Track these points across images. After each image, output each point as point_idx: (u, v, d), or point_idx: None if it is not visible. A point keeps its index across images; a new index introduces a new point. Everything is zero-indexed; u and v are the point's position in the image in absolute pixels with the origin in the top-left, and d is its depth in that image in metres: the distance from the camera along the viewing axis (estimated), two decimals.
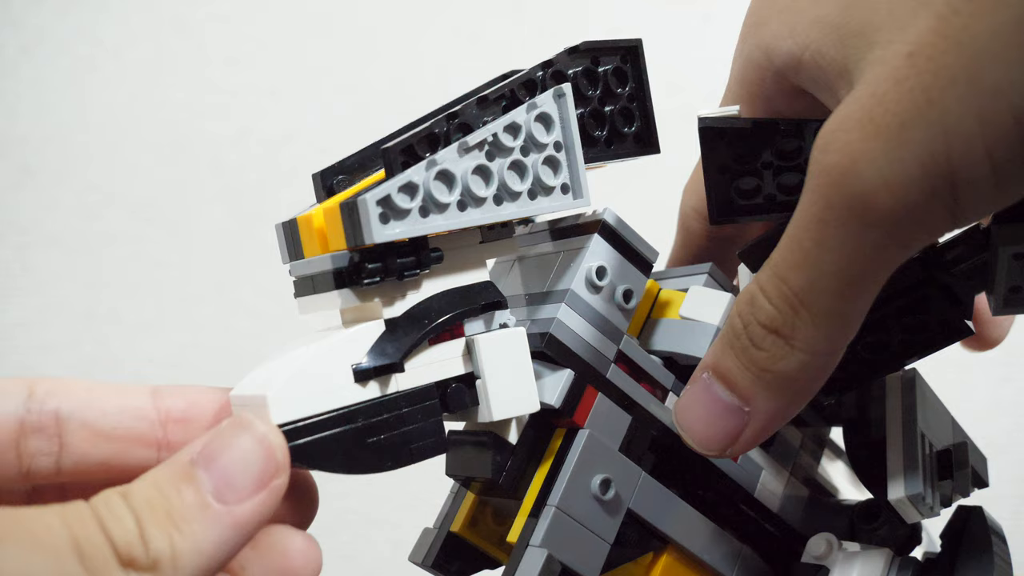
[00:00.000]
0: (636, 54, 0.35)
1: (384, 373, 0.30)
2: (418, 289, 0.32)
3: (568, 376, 0.33)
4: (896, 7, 0.25)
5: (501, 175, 0.31)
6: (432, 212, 0.30)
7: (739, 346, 0.28)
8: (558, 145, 0.32)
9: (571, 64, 0.34)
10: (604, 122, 0.34)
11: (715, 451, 0.30)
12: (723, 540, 0.37)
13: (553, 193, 0.32)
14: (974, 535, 0.38)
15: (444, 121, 0.31)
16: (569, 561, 0.32)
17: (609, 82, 0.34)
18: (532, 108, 0.32)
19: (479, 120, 0.32)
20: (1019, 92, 0.22)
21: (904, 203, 0.24)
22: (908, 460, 0.36)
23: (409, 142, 0.30)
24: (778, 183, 0.31)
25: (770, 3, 0.31)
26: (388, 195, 0.29)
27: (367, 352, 0.30)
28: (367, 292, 0.31)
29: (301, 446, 0.28)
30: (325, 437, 0.29)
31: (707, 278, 0.38)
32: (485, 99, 0.32)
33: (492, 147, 0.31)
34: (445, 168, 0.30)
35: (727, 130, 0.31)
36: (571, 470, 0.32)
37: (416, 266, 0.31)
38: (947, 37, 0.23)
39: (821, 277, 0.26)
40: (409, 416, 0.30)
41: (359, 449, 0.29)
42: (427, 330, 0.31)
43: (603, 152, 0.34)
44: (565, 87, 0.32)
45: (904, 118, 0.24)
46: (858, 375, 0.35)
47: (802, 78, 0.29)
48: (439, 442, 0.31)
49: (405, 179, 0.29)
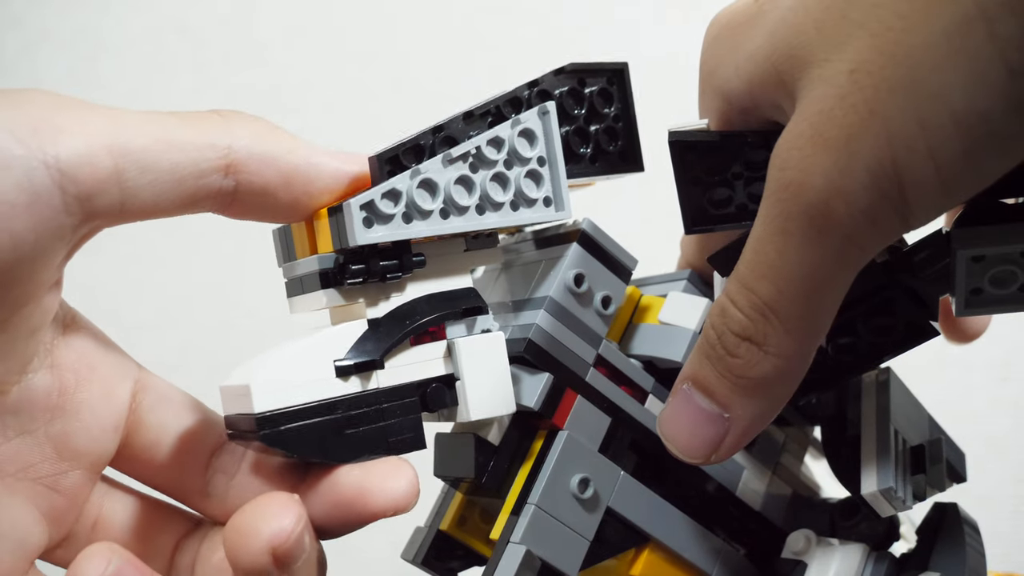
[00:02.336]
0: (622, 77, 0.36)
1: (365, 370, 0.31)
2: (402, 292, 0.33)
3: (547, 379, 0.34)
4: (824, 27, 0.26)
5: (483, 186, 0.33)
6: (415, 218, 0.31)
7: (715, 356, 0.29)
8: (541, 160, 0.34)
9: (557, 84, 0.35)
10: (588, 140, 0.35)
11: (700, 459, 0.31)
12: (704, 537, 0.38)
13: (535, 205, 0.34)
14: (949, 529, 0.39)
15: (430, 134, 0.32)
16: (548, 557, 0.33)
17: (594, 102, 0.35)
18: (516, 124, 0.33)
19: (464, 134, 0.33)
20: (956, 97, 0.23)
21: (857, 209, 0.25)
22: (881, 456, 0.36)
23: (395, 152, 0.32)
24: (749, 192, 0.32)
25: (715, 51, 0.33)
26: (372, 200, 0.31)
27: (349, 349, 0.31)
28: (351, 292, 0.32)
29: (281, 432, 0.30)
30: (305, 425, 0.30)
31: (686, 284, 0.39)
32: (471, 114, 0.33)
33: (476, 159, 0.32)
34: (429, 177, 0.31)
35: (697, 143, 0.32)
36: (550, 470, 0.34)
37: (399, 269, 0.32)
38: (883, 53, 0.24)
39: (788, 285, 0.27)
40: (388, 411, 0.32)
41: (337, 439, 0.31)
42: (408, 330, 0.32)
43: (587, 168, 0.35)
44: (549, 105, 0.34)
45: (850, 131, 0.25)
46: (830, 376, 0.36)
47: (761, 109, 0.30)
48: (417, 438, 0.32)
49: (389, 186, 0.31)
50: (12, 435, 0.31)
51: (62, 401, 0.32)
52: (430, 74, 0.87)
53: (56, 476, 0.32)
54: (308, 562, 0.29)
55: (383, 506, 0.31)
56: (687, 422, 0.31)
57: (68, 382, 0.32)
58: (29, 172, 0.27)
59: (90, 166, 0.28)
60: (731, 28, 0.32)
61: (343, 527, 0.31)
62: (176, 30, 0.90)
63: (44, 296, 0.30)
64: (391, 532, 0.40)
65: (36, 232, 0.28)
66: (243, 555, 0.28)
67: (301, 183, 0.32)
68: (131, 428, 0.33)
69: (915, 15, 0.24)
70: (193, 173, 0.30)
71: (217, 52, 0.90)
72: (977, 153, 0.24)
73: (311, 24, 0.89)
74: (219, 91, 0.89)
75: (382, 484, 0.31)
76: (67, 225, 0.28)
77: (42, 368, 0.31)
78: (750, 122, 0.31)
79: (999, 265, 0.29)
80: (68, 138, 0.28)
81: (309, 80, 0.89)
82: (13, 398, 0.31)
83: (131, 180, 0.29)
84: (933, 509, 0.40)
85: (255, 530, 0.28)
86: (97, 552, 0.28)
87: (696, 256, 0.40)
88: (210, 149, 0.30)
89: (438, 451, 0.37)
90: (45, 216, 0.28)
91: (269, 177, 0.31)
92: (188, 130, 0.30)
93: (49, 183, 0.27)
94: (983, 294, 0.30)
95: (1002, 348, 0.83)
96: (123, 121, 0.29)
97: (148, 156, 0.29)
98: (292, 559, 0.28)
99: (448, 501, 0.40)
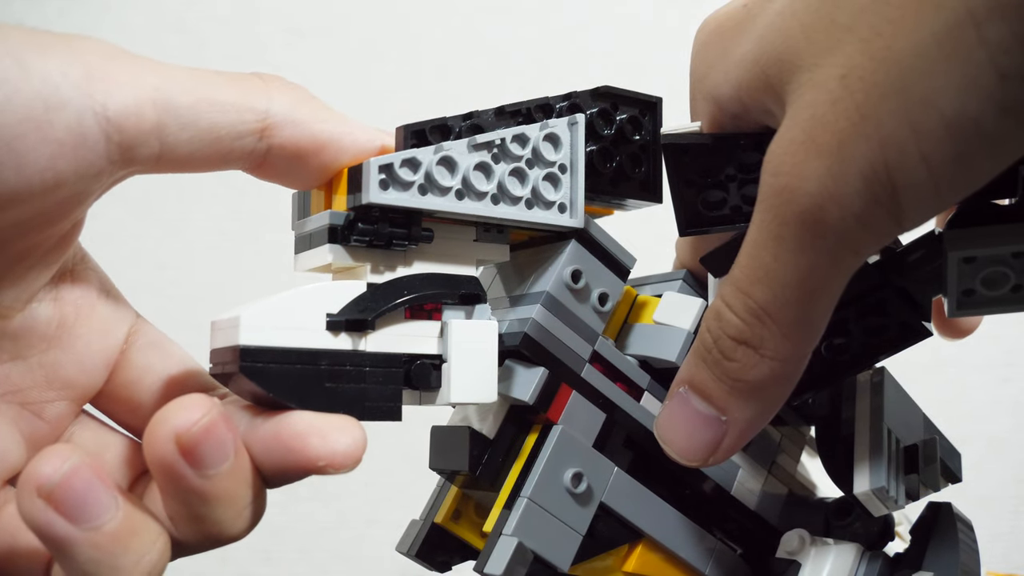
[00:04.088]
0: (655, 110, 0.37)
1: (355, 329, 0.31)
2: (408, 266, 0.33)
3: (542, 374, 0.34)
4: (812, 32, 0.27)
5: (502, 177, 0.33)
6: (431, 192, 0.32)
7: (711, 359, 0.30)
8: (563, 167, 0.34)
9: (591, 103, 0.35)
10: (612, 161, 0.36)
11: (697, 462, 0.31)
12: (698, 535, 0.38)
13: (550, 208, 0.34)
14: (943, 529, 0.39)
15: (460, 119, 0.33)
16: (540, 550, 0.33)
17: (624, 128, 0.36)
18: (544, 127, 0.34)
19: (493, 127, 0.34)
20: (946, 101, 0.23)
21: (851, 213, 0.25)
22: (873, 455, 0.37)
23: (422, 126, 0.32)
24: (742, 194, 0.32)
25: (704, 57, 0.33)
26: (392, 164, 0.31)
27: (344, 306, 0.32)
28: (357, 253, 0.32)
29: (260, 368, 0.30)
30: (286, 367, 0.30)
31: (681, 284, 0.39)
32: (502, 111, 0.34)
33: (499, 150, 0.33)
34: (450, 155, 0.32)
35: (690, 146, 0.32)
36: (544, 464, 0.34)
37: (406, 238, 0.32)
38: (874, 58, 0.25)
39: (783, 289, 0.28)
40: (371, 375, 0.32)
41: (315, 389, 0.31)
42: (404, 299, 0.32)
43: (607, 187, 0.36)
44: (579, 117, 0.34)
45: (842, 136, 0.25)
46: (824, 377, 0.36)
47: (751, 114, 0.31)
48: (393, 409, 0.32)
49: (411, 155, 0.31)
50: (6, 359, 0.32)
51: (60, 332, 0.33)
52: (430, 74, 0.87)
53: (43, 404, 0.33)
54: (232, 477, 0.29)
55: (320, 454, 0.30)
56: (684, 425, 0.31)
57: (68, 316, 0.33)
58: (79, 116, 0.28)
59: (136, 117, 0.29)
60: (720, 33, 0.32)
61: (281, 470, 0.30)
62: (176, 30, 0.90)
63: (69, 231, 0.31)
64: (390, 529, 0.40)
65: (78, 173, 0.29)
66: (151, 445, 0.28)
67: (332, 151, 0.32)
68: (118, 366, 0.34)
69: (904, 20, 0.24)
70: (230, 134, 0.31)
71: (217, 52, 0.90)
72: (968, 156, 0.24)
73: (311, 24, 0.89)
74: None
75: (327, 433, 0.30)
76: (106, 170, 0.30)
77: (47, 299, 0.32)
78: (741, 126, 0.32)
79: (991, 266, 0.29)
80: (117, 88, 0.29)
81: (309, 80, 0.88)
82: (15, 324, 0.32)
83: (171, 135, 0.30)
84: (927, 508, 0.41)
85: (164, 419, 0.28)
86: (56, 451, 0.28)
87: (690, 257, 0.40)
88: (249, 112, 0.31)
89: (433, 444, 0.37)
90: (88, 160, 0.29)
91: (302, 143, 0.32)
92: (230, 91, 0.31)
93: (96, 129, 0.29)
94: (975, 295, 0.30)
95: (1002, 348, 0.83)
96: (171, 76, 0.30)
97: (191, 114, 0.30)
98: (203, 456, 0.28)
99: (443, 494, 0.40)
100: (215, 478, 0.29)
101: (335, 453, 0.30)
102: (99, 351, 0.34)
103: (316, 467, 0.30)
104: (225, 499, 0.29)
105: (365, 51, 0.89)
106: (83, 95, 0.28)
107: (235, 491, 0.30)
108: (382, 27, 0.89)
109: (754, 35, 0.29)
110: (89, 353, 0.33)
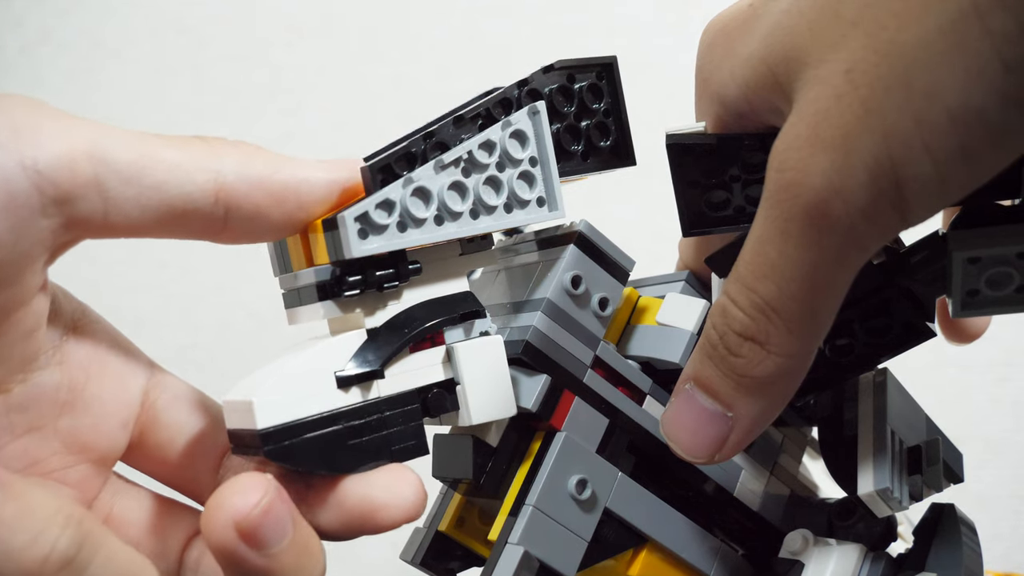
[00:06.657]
0: (611, 70, 0.36)
1: (366, 380, 0.32)
2: (399, 300, 0.33)
3: (545, 381, 0.34)
4: (818, 28, 0.26)
5: (477, 190, 0.33)
6: (410, 227, 0.31)
7: (717, 356, 0.30)
8: (533, 160, 0.34)
9: (546, 82, 0.35)
10: (580, 136, 0.35)
11: (703, 458, 0.31)
12: (702, 537, 0.38)
13: (529, 206, 0.34)
14: (946, 530, 0.39)
15: (421, 140, 0.32)
16: (546, 558, 0.33)
17: (584, 98, 0.35)
18: (507, 126, 0.33)
19: (456, 139, 0.33)
20: (950, 93, 0.23)
21: (856, 208, 0.25)
22: (877, 456, 0.37)
23: (387, 161, 0.32)
24: (746, 195, 0.32)
25: (710, 57, 0.33)
26: (366, 211, 0.31)
27: (349, 360, 0.31)
28: (349, 303, 0.32)
29: (284, 447, 0.30)
30: (308, 438, 0.30)
31: (684, 285, 0.39)
32: (461, 118, 0.33)
33: (468, 164, 0.32)
34: (422, 185, 0.31)
35: (694, 146, 0.32)
36: (548, 471, 0.34)
37: (395, 278, 0.32)
38: (878, 51, 0.24)
39: (789, 284, 0.27)
40: (391, 420, 0.32)
41: (341, 450, 0.31)
42: (407, 338, 0.32)
43: (580, 165, 0.35)
44: (539, 105, 0.34)
45: (847, 130, 0.25)
46: (828, 377, 0.36)
47: (758, 113, 0.30)
48: (419, 445, 0.33)
49: (383, 196, 0.31)
50: (20, 432, 0.31)
51: (71, 397, 0.32)
52: (430, 74, 0.87)
53: (64, 469, 0.32)
54: (293, 551, 0.29)
55: (393, 519, 0.31)
56: (690, 422, 0.31)
57: (78, 378, 0.32)
58: (5, 171, 0.27)
59: (69, 170, 0.28)
60: (725, 33, 0.32)
61: (351, 534, 0.32)
62: (176, 30, 0.90)
63: (32, 299, 0.30)
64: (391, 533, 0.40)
65: (15, 233, 0.28)
66: (210, 530, 0.28)
67: (293, 200, 0.31)
68: (146, 426, 0.34)
69: (909, 13, 0.24)
70: (181, 194, 0.30)
71: (217, 52, 0.90)
72: (973, 149, 0.24)
73: (311, 24, 0.89)
74: (219, 91, 0.89)
75: (389, 497, 0.31)
76: (46, 228, 0.28)
77: (50, 365, 0.31)
78: (747, 127, 0.32)
79: (995, 267, 0.29)
80: (48, 141, 0.28)
81: (309, 80, 0.89)
82: (18, 396, 0.31)
83: (113, 190, 0.29)
84: (930, 509, 0.41)
85: (221, 504, 0.28)
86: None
87: (694, 258, 0.40)
88: (199, 172, 0.30)
89: (436, 452, 0.37)
90: (22, 217, 0.28)
91: (260, 199, 0.31)
92: (174, 151, 0.30)
93: (27, 185, 0.27)
94: (979, 295, 0.30)
95: (1001, 348, 0.83)
96: (106, 132, 0.29)
97: (131, 169, 0.29)
98: (263, 537, 0.28)
99: (447, 502, 0.40)
100: (277, 555, 0.29)
101: (407, 511, 0.32)
102: (115, 411, 0.33)
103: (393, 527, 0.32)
104: (289, 570, 0.29)
105: (365, 51, 0.89)
106: (9, 151, 0.27)
107: (297, 561, 0.30)
108: (382, 27, 0.89)
109: (760, 34, 0.29)
110: (105, 414, 0.33)
